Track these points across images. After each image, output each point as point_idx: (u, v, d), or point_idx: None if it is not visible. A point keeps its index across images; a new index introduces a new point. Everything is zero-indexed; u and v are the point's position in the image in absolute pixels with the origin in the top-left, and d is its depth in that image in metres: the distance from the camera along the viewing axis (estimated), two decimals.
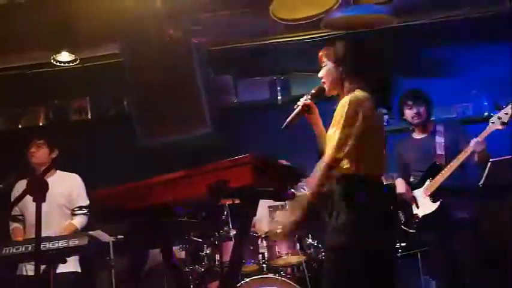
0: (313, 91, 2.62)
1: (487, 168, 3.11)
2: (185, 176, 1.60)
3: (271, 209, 4.26)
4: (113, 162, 4.95)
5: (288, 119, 2.57)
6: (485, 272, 3.62)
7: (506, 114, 3.43)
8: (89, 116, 5.42)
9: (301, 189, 4.68)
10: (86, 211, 3.98)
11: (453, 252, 3.61)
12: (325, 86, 2.55)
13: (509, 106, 3.44)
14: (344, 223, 2.21)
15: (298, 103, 2.60)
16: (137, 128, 4.46)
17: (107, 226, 3.83)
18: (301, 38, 5.21)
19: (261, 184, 1.55)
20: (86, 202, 4.00)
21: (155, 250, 4.48)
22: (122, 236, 4.07)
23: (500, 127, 3.44)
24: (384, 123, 5.07)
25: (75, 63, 4.97)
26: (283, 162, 2.03)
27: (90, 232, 3.59)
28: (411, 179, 3.89)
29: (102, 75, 5.25)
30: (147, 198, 1.68)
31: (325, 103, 2.66)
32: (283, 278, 3.70)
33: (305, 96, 2.62)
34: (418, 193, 3.77)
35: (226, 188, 1.48)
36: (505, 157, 3.22)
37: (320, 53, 2.60)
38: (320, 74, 2.58)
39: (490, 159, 3.20)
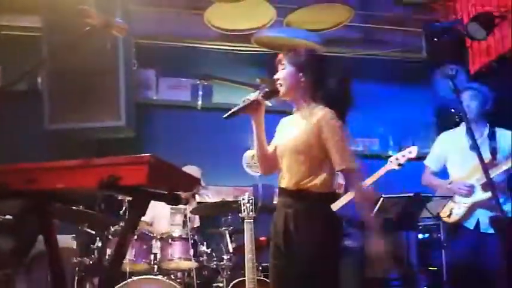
0: (267, 89, 2.51)
1: (378, 204, 3.30)
2: (79, 166, 1.57)
3: (172, 211, 4.23)
4: (13, 139, 4.72)
5: (233, 109, 2.43)
6: None
7: (404, 156, 3.64)
8: None
9: (205, 196, 4.75)
10: None
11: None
12: (281, 89, 2.48)
13: (408, 149, 3.66)
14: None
15: (248, 97, 2.47)
16: (47, 109, 4.29)
17: None
18: (231, 48, 5.27)
19: (155, 186, 1.55)
20: None
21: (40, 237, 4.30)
22: (11, 217, 3.87)
23: (396, 167, 3.65)
24: None
25: None
26: (186, 168, 2.05)
27: None
28: None
29: (19, 47, 5.00)
30: (36, 181, 1.62)
31: None
32: (170, 282, 3.68)
33: (257, 92, 2.49)
34: None
35: (118, 184, 1.47)
36: (396, 195, 3.44)
37: (281, 55, 2.54)
38: (278, 76, 2.50)
39: (383, 196, 3.39)
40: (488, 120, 3.80)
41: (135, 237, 3.77)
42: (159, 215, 4.33)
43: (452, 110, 4.28)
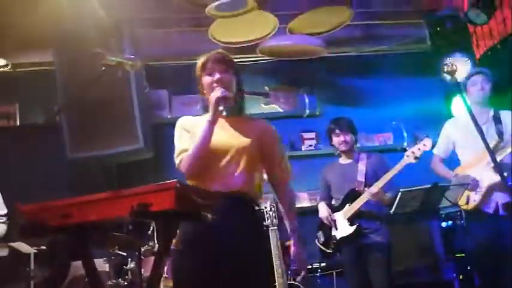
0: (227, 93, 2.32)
1: (398, 198, 3.36)
2: (109, 198, 1.68)
3: None
4: (39, 172, 4.88)
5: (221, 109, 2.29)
6: None
7: (419, 149, 3.70)
8: (18, 123, 5.30)
9: None
10: (4, 220, 3.93)
11: (367, 273, 3.83)
12: (228, 94, 2.32)
13: (422, 142, 3.71)
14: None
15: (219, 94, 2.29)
16: (66, 140, 4.44)
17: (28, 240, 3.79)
18: (237, 60, 5.36)
19: (183, 208, 1.66)
20: (3, 210, 3.94)
21: (77, 262, 4.43)
22: (44, 247, 4.03)
23: (413, 161, 3.71)
24: (312, 148, 5.41)
25: (6, 68, 4.88)
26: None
27: (11, 244, 3.54)
28: (333, 202, 4.09)
29: (35, 82, 5.17)
30: (71, 216, 1.73)
31: None
32: None
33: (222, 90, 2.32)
34: (338, 216, 3.97)
35: (148, 211, 1.57)
36: (414, 188, 3.50)
37: (225, 58, 2.42)
38: (226, 78, 2.36)
39: (400, 189, 3.46)
40: (492, 102, 3.87)
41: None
42: None
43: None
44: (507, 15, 4.80)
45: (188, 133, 2.42)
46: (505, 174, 3.39)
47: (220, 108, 2.27)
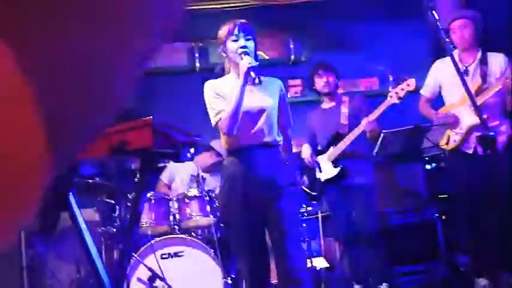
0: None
1: (380, 139, 3.40)
2: None
3: (192, 177, 4.38)
4: None
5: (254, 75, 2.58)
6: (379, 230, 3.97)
7: (402, 89, 3.72)
8: None
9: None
10: None
11: (351, 214, 3.92)
12: (255, 63, 2.62)
13: (406, 82, 3.72)
14: None
15: (250, 62, 2.59)
16: None
17: None
18: (220, 6, 5.29)
19: (160, 146, 1.67)
20: None
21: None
22: None
23: (397, 101, 3.73)
24: (298, 95, 5.40)
25: None
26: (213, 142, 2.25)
27: None
28: (318, 147, 4.13)
29: None
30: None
31: None
32: (192, 238, 3.86)
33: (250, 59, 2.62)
34: (322, 159, 4.03)
35: (126, 149, 1.59)
36: (396, 129, 3.53)
37: (250, 26, 2.72)
38: (251, 46, 2.69)
39: (383, 131, 3.49)
40: (480, 43, 3.85)
41: (153, 201, 3.95)
42: (178, 178, 4.52)
43: (447, 40, 4.30)
44: None
45: (218, 95, 2.70)
46: (485, 116, 3.43)
47: (252, 75, 2.55)
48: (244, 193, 2.64)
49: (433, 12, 2.39)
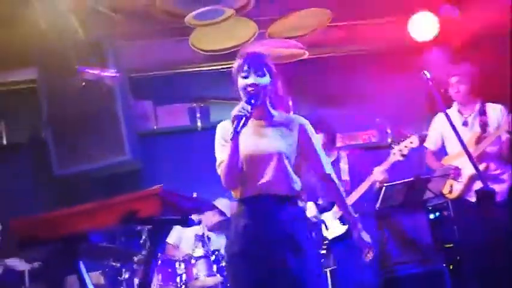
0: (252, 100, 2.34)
1: (382, 193, 3.43)
2: (97, 207, 1.74)
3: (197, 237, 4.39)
4: (28, 190, 4.90)
5: (240, 124, 2.27)
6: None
7: (406, 147, 3.73)
8: (4, 142, 5.31)
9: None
10: None
11: (360, 271, 3.88)
12: (247, 113, 2.29)
13: (409, 140, 3.73)
14: None
15: (242, 108, 2.30)
16: (53, 157, 4.47)
17: (23, 254, 3.81)
18: (220, 67, 5.45)
19: (168, 213, 1.72)
20: None
21: (72, 276, 4.46)
22: (38, 263, 4.04)
23: (400, 159, 3.74)
24: None
25: None
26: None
27: (6, 260, 3.56)
28: (320, 202, 4.13)
29: (19, 100, 5.18)
30: (62, 227, 1.79)
31: None
32: None
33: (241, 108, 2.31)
34: (327, 216, 3.99)
35: (136, 218, 1.64)
36: (397, 182, 3.58)
37: (261, 58, 2.45)
38: (263, 82, 2.38)
39: (385, 184, 3.53)
40: (478, 94, 3.97)
41: (159, 262, 3.95)
42: (184, 240, 4.52)
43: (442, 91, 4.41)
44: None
45: (226, 141, 2.40)
46: (482, 166, 3.48)
47: (241, 124, 2.25)
48: (246, 250, 2.35)
49: (425, 72, 2.49)
